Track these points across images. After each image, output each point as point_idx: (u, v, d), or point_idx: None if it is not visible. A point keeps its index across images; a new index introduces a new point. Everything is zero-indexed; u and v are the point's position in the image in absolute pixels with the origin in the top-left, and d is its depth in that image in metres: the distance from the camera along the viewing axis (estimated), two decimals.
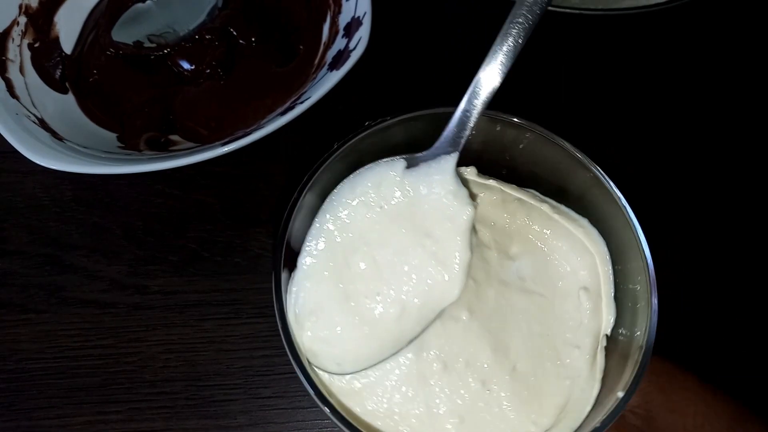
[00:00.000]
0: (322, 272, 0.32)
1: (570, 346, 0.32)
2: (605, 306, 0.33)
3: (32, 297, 0.43)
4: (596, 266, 0.34)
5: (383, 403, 0.31)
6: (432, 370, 0.31)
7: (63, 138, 0.42)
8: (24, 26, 0.46)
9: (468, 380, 0.31)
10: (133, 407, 0.40)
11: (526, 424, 0.31)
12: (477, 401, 0.31)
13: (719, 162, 0.47)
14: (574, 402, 0.31)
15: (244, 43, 0.47)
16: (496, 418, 0.31)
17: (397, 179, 0.31)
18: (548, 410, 0.31)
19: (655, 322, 0.29)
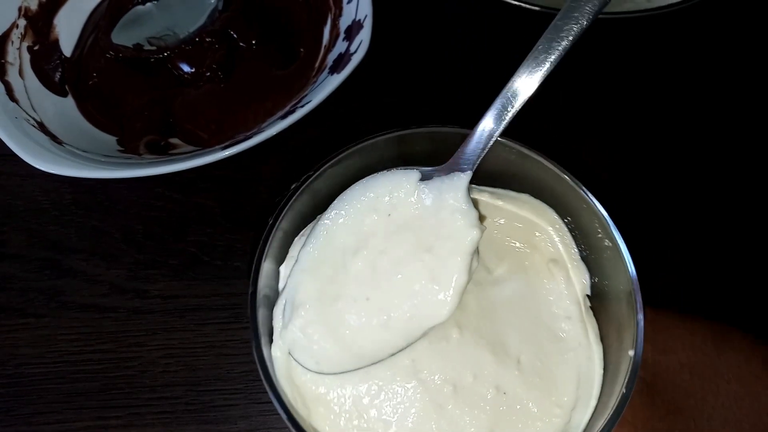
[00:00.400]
0: (319, 268, 0.31)
1: (560, 319, 0.33)
2: (575, 269, 0.34)
3: (31, 301, 0.42)
4: (552, 235, 0.34)
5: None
6: (445, 396, 0.31)
7: (62, 141, 0.42)
8: (23, 29, 0.46)
9: (482, 392, 0.31)
10: (133, 412, 0.40)
11: (550, 409, 0.31)
12: (498, 408, 0.31)
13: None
14: (585, 371, 0.32)
15: (244, 46, 0.47)
16: (521, 417, 0.31)
17: (410, 189, 0.31)
18: (565, 388, 0.31)
19: (629, 260, 0.29)
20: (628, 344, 0.29)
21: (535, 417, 0.31)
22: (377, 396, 0.31)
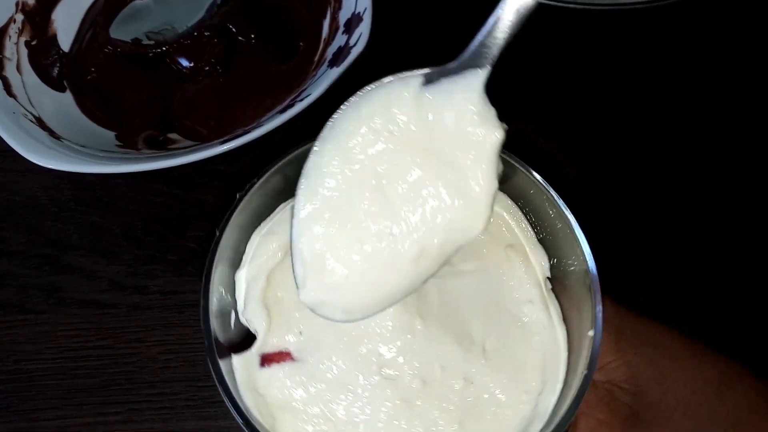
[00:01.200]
0: (325, 212, 0.27)
1: (522, 303, 0.32)
2: (533, 252, 0.33)
3: (31, 297, 0.42)
4: (507, 220, 0.34)
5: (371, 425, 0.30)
6: (414, 391, 0.30)
7: (61, 137, 0.42)
8: (21, 24, 0.46)
9: (450, 383, 0.31)
10: (133, 408, 0.40)
11: (518, 396, 0.30)
12: (466, 398, 0.31)
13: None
14: (551, 354, 0.31)
15: (243, 41, 0.47)
16: (489, 406, 0.30)
17: (411, 99, 0.26)
18: (531, 374, 0.31)
19: (582, 238, 0.29)
20: (588, 325, 0.28)
21: (503, 405, 0.30)
22: (345, 398, 0.30)
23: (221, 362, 0.29)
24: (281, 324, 0.32)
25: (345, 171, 0.27)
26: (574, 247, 0.30)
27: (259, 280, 0.33)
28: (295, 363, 0.31)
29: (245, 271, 0.33)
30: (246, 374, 0.31)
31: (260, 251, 0.33)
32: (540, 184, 0.31)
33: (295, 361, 0.31)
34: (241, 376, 0.31)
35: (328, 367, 0.31)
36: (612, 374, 0.34)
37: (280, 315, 0.32)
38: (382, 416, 0.30)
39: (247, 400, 0.30)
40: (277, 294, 0.33)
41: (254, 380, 0.31)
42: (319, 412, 0.30)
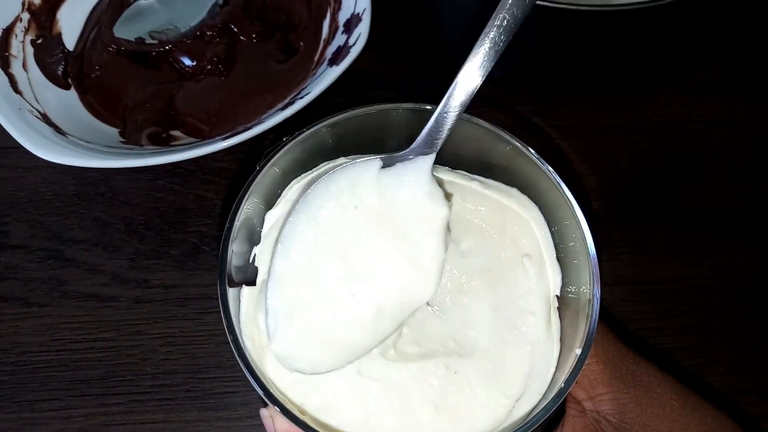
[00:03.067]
0: (295, 273, 0.31)
1: (524, 313, 0.33)
2: (549, 268, 0.34)
3: (34, 291, 0.43)
4: (534, 231, 0.34)
5: (358, 409, 0.31)
6: (397, 366, 0.32)
7: (65, 132, 0.42)
8: (27, 22, 0.46)
9: (434, 368, 0.32)
10: (135, 399, 0.40)
11: (497, 397, 0.31)
12: (447, 385, 0.31)
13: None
14: (538, 366, 0.32)
15: (244, 40, 0.48)
16: (467, 399, 0.31)
17: (372, 179, 0.31)
18: (515, 380, 0.32)
19: (596, 273, 0.30)
20: (578, 343, 0.30)
21: (481, 402, 0.31)
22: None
23: (230, 290, 0.31)
24: None
25: (315, 238, 0.31)
26: (586, 275, 0.31)
27: (280, 223, 0.34)
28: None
29: (274, 211, 0.34)
30: (251, 309, 0.32)
31: (293, 198, 0.35)
32: (571, 205, 0.31)
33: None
34: (246, 307, 0.32)
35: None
36: (601, 406, 0.35)
37: None
38: (362, 383, 0.31)
39: (245, 330, 0.32)
40: None
41: (257, 317, 0.32)
42: None
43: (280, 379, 0.31)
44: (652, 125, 0.50)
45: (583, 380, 0.35)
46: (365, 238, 0.31)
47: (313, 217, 0.31)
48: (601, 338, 0.36)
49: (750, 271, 0.45)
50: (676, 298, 0.44)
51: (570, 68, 0.50)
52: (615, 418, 0.34)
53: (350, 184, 0.31)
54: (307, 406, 0.31)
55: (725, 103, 0.50)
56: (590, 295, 0.30)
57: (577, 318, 0.31)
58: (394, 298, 0.30)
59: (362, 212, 0.31)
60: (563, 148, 0.48)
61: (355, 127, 0.34)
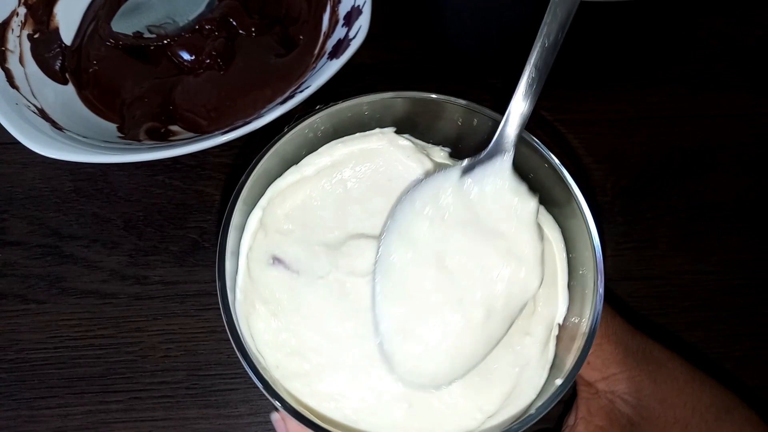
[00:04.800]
0: (399, 292, 0.31)
1: (522, 333, 0.32)
2: (560, 294, 0.33)
3: (32, 287, 0.43)
4: (553, 254, 0.34)
5: (332, 385, 0.31)
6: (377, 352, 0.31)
7: (63, 128, 0.42)
8: (23, 17, 0.46)
9: None
10: (134, 397, 0.40)
11: (471, 409, 0.31)
12: None
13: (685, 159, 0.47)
14: (520, 389, 0.31)
15: (243, 34, 0.47)
16: (443, 404, 0.31)
17: (454, 187, 0.31)
18: (495, 397, 0.31)
19: (599, 309, 0.30)
20: (561, 374, 0.30)
21: (455, 409, 0.31)
22: (324, 330, 0.32)
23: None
24: (296, 239, 0.34)
25: (412, 256, 0.31)
26: (587, 309, 0.30)
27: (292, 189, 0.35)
28: (297, 274, 0.33)
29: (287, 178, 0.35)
30: (253, 264, 0.33)
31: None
32: (590, 233, 0.31)
33: (300, 273, 0.33)
34: (244, 263, 0.33)
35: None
36: (615, 386, 0.35)
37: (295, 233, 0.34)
38: (344, 359, 0.31)
39: (240, 281, 0.32)
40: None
41: (257, 272, 0.33)
42: (293, 322, 0.32)
43: (280, 374, 0.31)
44: (658, 119, 0.49)
45: (596, 361, 0.35)
46: (460, 245, 0.31)
47: (405, 237, 0.32)
48: (611, 319, 0.36)
49: (757, 266, 0.44)
50: (683, 294, 0.43)
51: (575, 62, 0.50)
52: (631, 396, 0.34)
53: (433, 196, 0.32)
54: (308, 398, 0.31)
55: (731, 96, 0.50)
56: (586, 329, 0.30)
57: (570, 346, 0.31)
58: (502, 297, 0.30)
59: (451, 221, 0.31)
60: (570, 142, 0.48)
61: (386, 109, 0.35)
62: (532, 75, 0.30)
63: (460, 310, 0.30)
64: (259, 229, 0.33)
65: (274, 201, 0.34)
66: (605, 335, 0.35)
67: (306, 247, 0.33)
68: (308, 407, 0.31)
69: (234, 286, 0.32)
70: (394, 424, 0.31)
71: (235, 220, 0.31)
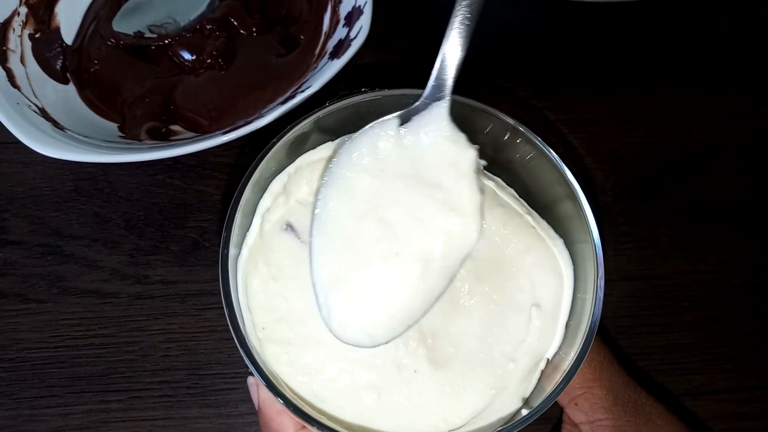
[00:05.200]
0: (335, 245, 0.31)
1: (507, 358, 0.32)
2: (557, 330, 0.33)
3: (33, 287, 0.43)
4: (561, 288, 0.33)
5: (310, 359, 0.31)
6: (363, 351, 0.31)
7: (64, 127, 0.42)
8: (25, 17, 0.46)
9: (402, 355, 0.31)
10: (134, 396, 0.40)
11: (438, 418, 0.31)
12: (400, 383, 0.31)
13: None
14: (490, 412, 0.31)
15: (244, 34, 0.47)
16: (411, 405, 0.31)
17: (392, 138, 0.31)
18: (463, 412, 0.31)
19: (586, 351, 0.30)
20: (533, 403, 0.30)
21: (421, 413, 0.31)
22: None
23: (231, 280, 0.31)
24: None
25: (348, 208, 0.31)
26: (574, 351, 0.30)
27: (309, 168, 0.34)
28: (303, 246, 0.33)
29: (321, 152, 0.35)
30: (267, 225, 0.33)
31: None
32: (596, 278, 0.31)
33: (305, 245, 0.33)
34: (258, 222, 0.33)
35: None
36: (599, 431, 0.34)
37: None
38: (328, 336, 0.31)
39: (250, 239, 0.32)
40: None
41: (268, 234, 0.33)
42: (288, 289, 0.32)
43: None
44: (657, 119, 0.49)
45: (584, 404, 0.34)
46: (398, 197, 0.30)
47: (342, 188, 0.31)
48: (608, 365, 0.36)
49: (757, 266, 0.44)
50: (682, 294, 0.43)
51: (575, 63, 0.50)
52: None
53: (371, 147, 0.31)
54: (283, 366, 0.31)
55: (731, 96, 0.50)
56: (567, 367, 0.30)
57: (551, 380, 0.31)
58: (440, 250, 0.29)
59: (389, 172, 0.30)
60: (571, 141, 0.48)
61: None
62: (467, 16, 0.29)
63: (397, 264, 0.29)
64: (281, 193, 0.34)
65: (302, 171, 0.34)
66: (598, 379, 0.35)
67: None
68: (281, 375, 0.31)
69: (241, 243, 0.32)
70: (361, 412, 0.31)
71: (256, 177, 0.32)
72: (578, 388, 0.35)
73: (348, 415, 0.31)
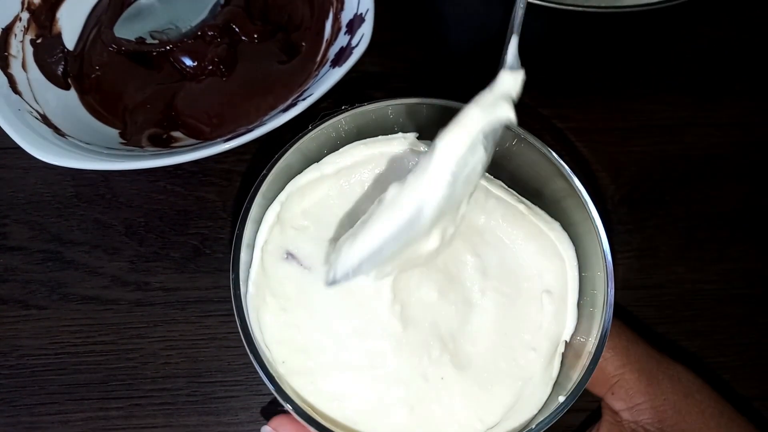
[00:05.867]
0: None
1: (527, 348, 0.32)
2: (569, 312, 0.33)
3: (33, 293, 0.43)
4: (565, 271, 0.33)
5: (336, 385, 0.31)
6: (387, 358, 0.31)
7: (65, 134, 0.42)
8: (26, 22, 0.46)
9: (424, 368, 0.31)
10: (135, 404, 0.40)
11: (473, 420, 0.31)
12: (429, 391, 0.31)
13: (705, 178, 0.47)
14: (523, 403, 0.31)
15: (246, 40, 0.47)
16: (444, 411, 0.31)
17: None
18: (496, 409, 0.31)
19: (607, 329, 0.29)
20: (564, 392, 0.30)
21: (455, 419, 0.31)
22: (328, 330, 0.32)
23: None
24: (310, 237, 0.34)
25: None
26: (594, 327, 0.30)
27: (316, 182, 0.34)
28: (309, 272, 0.33)
29: (308, 176, 0.35)
30: (267, 257, 0.33)
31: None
32: (604, 253, 0.31)
33: (312, 271, 0.33)
34: (258, 256, 0.32)
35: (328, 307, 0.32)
36: (639, 415, 0.34)
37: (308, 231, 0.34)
38: (346, 358, 0.31)
39: (253, 274, 0.32)
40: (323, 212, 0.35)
41: (270, 266, 0.32)
42: (300, 318, 0.32)
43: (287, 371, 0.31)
44: (658, 127, 0.49)
45: (619, 391, 0.35)
46: None
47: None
48: (633, 346, 0.36)
49: (757, 275, 0.44)
50: (682, 303, 0.44)
51: (576, 70, 0.50)
52: (654, 426, 0.34)
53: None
54: (311, 396, 0.31)
55: (732, 104, 0.50)
56: (592, 349, 0.30)
57: (575, 364, 0.31)
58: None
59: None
60: (571, 149, 0.48)
61: (410, 115, 0.34)
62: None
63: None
64: (276, 223, 0.33)
65: (293, 197, 0.34)
66: (626, 364, 0.35)
67: (319, 244, 0.33)
68: (312, 405, 0.30)
69: (246, 279, 0.32)
70: (396, 428, 0.30)
71: (253, 213, 0.32)
72: (612, 377, 0.35)
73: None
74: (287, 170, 0.34)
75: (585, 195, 0.32)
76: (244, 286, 0.31)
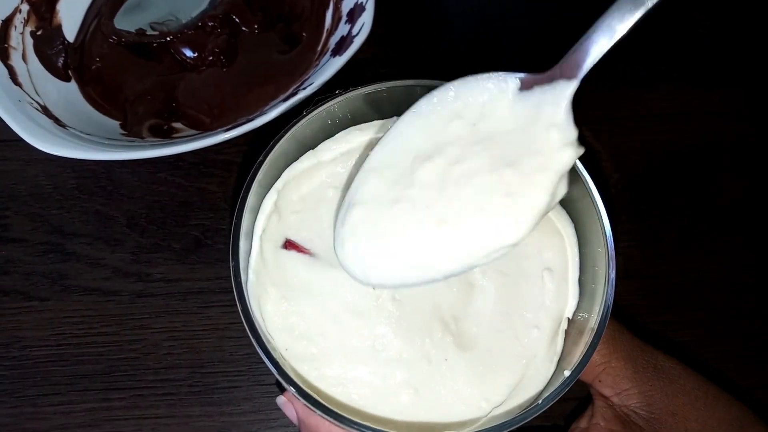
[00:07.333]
0: (385, 170, 0.29)
1: (529, 326, 0.32)
2: (570, 289, 0.33)
3: (35, 285, 0.43)
4: (564, 248, 0.33)
5: (340, 369, 0.31)
6: (392, 340, 0.31)
7: (66, 125, 0.42)
8: (26, 14, 0.46)
9: (430, 352, 0.31)
10: (137, 394, 0.40)
11: (478, 399, 0.31)
12: (434, 373, 0.31)
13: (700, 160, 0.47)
14: (527, 381, 0.31)
15: (246, 31, 0.47)
16: (450, 392, 0.31)
17: (507, 100, 0.27)
18: (501, 388, 0.31)
19: (610, 305, 0.30)
20: (570, 366, 0.30)
21: (460, 399, 0.31)
22: (331, 310, 0.32)
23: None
24: (309, 224, 0.34)
25: (418, 142, 0.29)
26: (597, 303, 0.30)
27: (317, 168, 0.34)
28: (309, 257, 0.33)
29: (304, 163, 0.34)
30: (266, 246, 0.32)
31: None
32: (604, 230, 0.31)
33: (312, 256, 0.33)
34: (257, 245, 0.32)
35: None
36: (628, 400, 0.35)
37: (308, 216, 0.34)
38: (352, 343, 0.31)
39: (253, 262, 0.32)
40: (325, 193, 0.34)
41: (269, 254, 0.32)
42: (302, 305, 0.32)
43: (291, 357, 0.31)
44: (660, 117, 0.49)
45: (606, 378, 0.35)
46: (470, 156, 0.27)
47: (426, 121, 0.29)
48: (618, 335, 0.36)
49: (759, 265, 0.44)
50: (684, 293, 0.43)
51: None
52: (644, 410, 0.34)
53: (481, 100, 0.28)
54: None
55: (733, 95, 0.50)
56: (595, 325, 0.30)
57: (578, 340, 0.31)
58: (470, 225, 0.27)
59: (479, 130, 0.28)
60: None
61: (405, 98, 0.33)
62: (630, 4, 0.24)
63: (423, 215, 0.28)
64: (273, 211, 0.33)
65: (289, 184, 0.34)
66: (613, 353, 0.35)
67: (318, 231, 0.33)
68: (317, 390, 0.30)
69: (246, 267, 0.32)
70: (401, 410, 0.30)
71: (250, 201, 0.31)
72: (598, 365, 0.35)
73: (390, 416, 0.30)
74: (283, 158, 0.34)
75: (583, 171, 0.32)
76: (245, 274, 0.31)
